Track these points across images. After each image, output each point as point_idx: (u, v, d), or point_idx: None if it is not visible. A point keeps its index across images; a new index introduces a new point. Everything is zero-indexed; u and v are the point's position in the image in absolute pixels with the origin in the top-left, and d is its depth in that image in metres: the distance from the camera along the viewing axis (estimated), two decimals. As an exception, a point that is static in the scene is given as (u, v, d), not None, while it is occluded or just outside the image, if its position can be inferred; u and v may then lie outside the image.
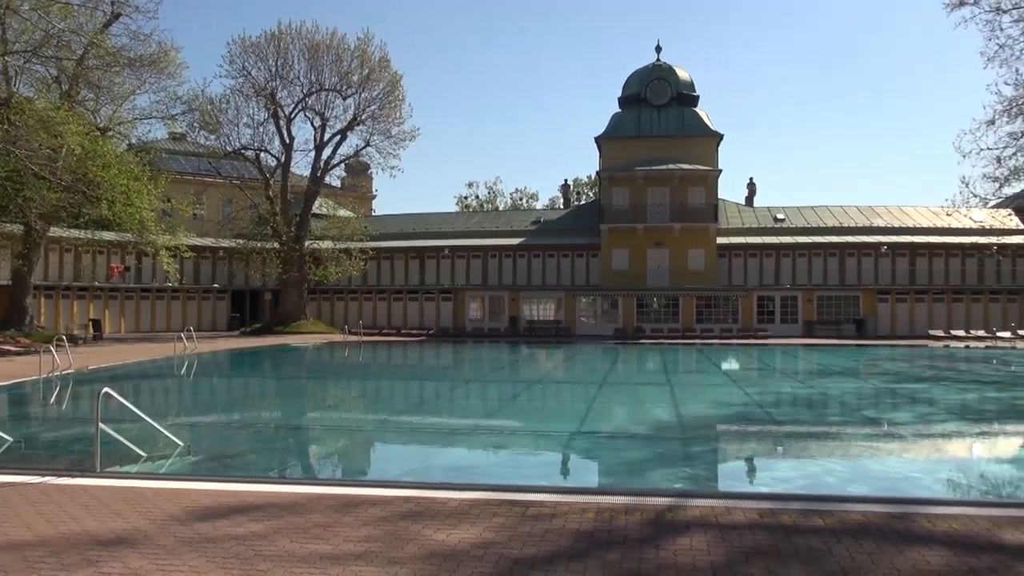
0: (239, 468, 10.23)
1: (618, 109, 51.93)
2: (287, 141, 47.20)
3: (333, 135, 47.49)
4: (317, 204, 49.75)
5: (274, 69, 45.71)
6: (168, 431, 10.44)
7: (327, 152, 47.86)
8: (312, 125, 47.90)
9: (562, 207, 63.61)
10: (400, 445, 13.16)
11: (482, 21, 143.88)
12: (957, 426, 14.80)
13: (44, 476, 8.28)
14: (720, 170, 48.56)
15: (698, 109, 50.79)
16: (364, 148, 48.20)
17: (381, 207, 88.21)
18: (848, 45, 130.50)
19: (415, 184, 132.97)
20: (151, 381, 22.62)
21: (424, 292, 50.07)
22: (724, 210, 51.00)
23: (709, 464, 11.40)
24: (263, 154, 47.40)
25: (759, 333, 44.41)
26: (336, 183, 60.86)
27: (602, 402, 18.34)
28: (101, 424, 8.71)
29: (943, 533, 6.11)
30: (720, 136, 49.52)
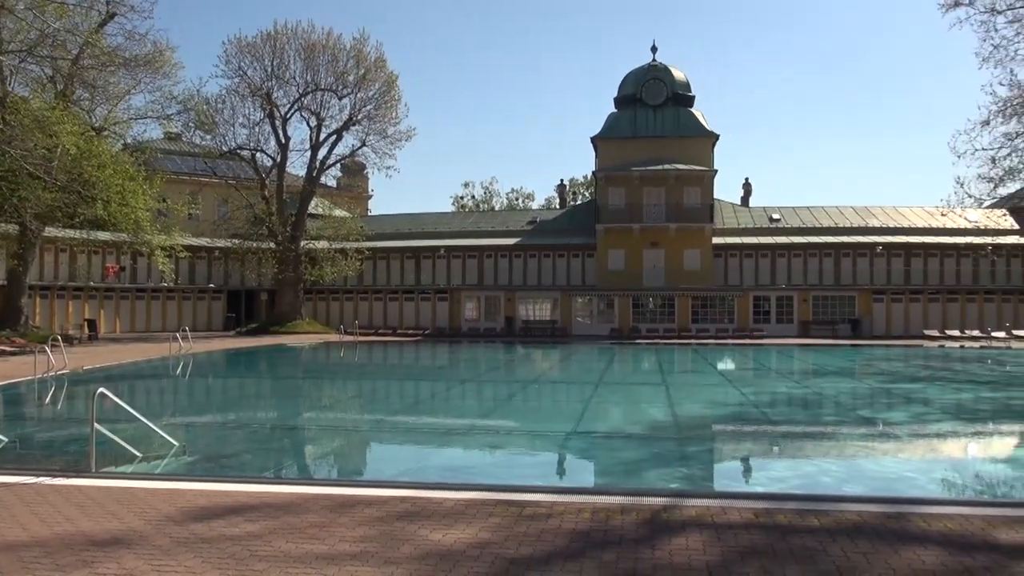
0: (235, 468, 10.22)
1: (614, 109, 51.96)
2: (283, 141, 47.12)
3: (329, 135, 47.48)
4: (313, 204, 49.72)
5: (270, 69, 45.64)
6: (163, 431, 10.43)
7: (323, 152, 47.84)
8: (308, 125, 47.91)
9: (558, 207, 63.60)
10: (396, 445, 13.16)
11: (481, 21, 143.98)
12: (952, 426, 14.83)
13: (39, 476, 8.27)
14: (716, 170, 48.60)
15: (694, 109, 50.82)
16: (360, 148, 48.16)
17: (377, 207, 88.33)
18: (847, 45, 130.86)
19: (411, 184, 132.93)
20: (146, 381, 22.59)
21: (420, 292, 50.04)
22: (720, 210, 51.06)
23: (705, 464, 11.41)
24: (259, 154, 47.31)
25: (755, 333, 44.46)
26: (332, 183, 60.80)
27: (598, 402, 18.34)
28: (96, 424, 8.68)
29: (938, 533, 6.12)
30: (716, 136, 49.56)
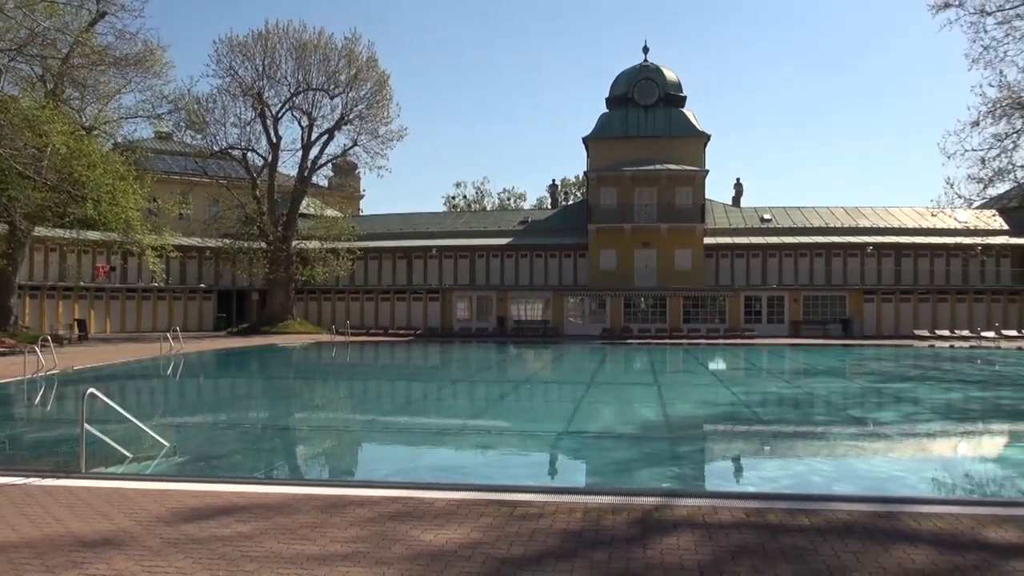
0: (225, 469, 10.19)
1: (606, 109, 52.03)
2: (274, 140, 47.03)
3: (320, 135, 47.44)
4: (304, 204, 49.60)
5: (261, 68, 45.55)
6: (154, 431, 10.37)
7: (314, 152, 47.77)
8: (299, 125, 47.86)
9: (550, 207, 63.66)
10: (387, 445, 13.13)
11: (481, 21, 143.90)
12: (942, 425, 14.91)
13: (28, 477, 8.23)
14: (707, 171, 48.72)
15: (685, 110, 50.94)
16: (351, 148, 48.14)
17: (368, 207, 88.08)
18: (846, 45, 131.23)
19: (402, 184, 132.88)
20: (137, 381, 22.48)
21: (412, 292, 49.98)
22: (711, 210, 51.18)
23: (696, 464, 11.43)
24: (250, 154, 47.27)
25: (746, 333, 44.59)
26: (323, 183, 60.72)
27: (589, 402, 18.36)
28: (86, 425, 8.65)
29: (928, 532, 6.15)
30: (707, 137, 49.68)
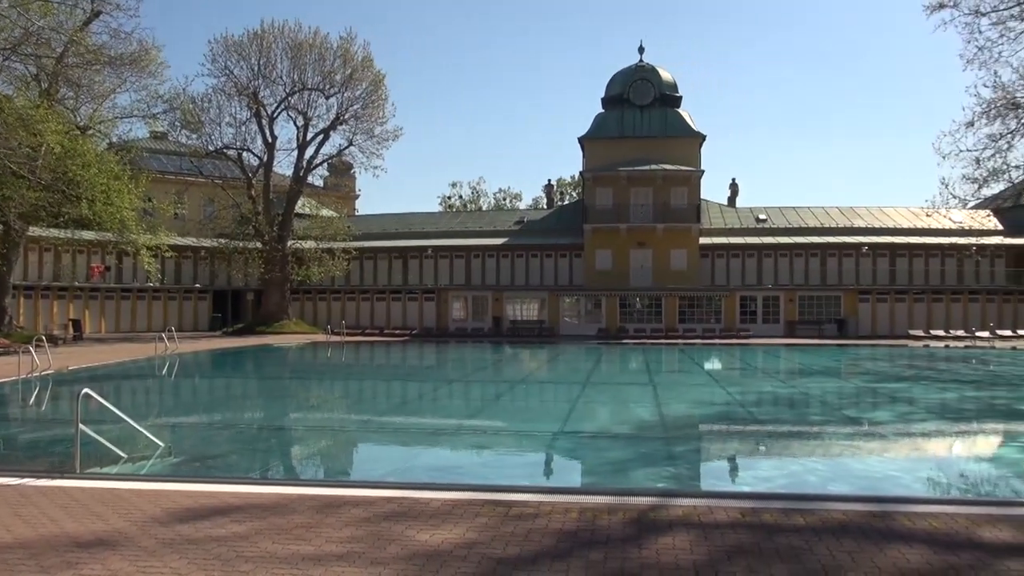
0: (220, 469, 10.17)
1: (601, 110, 52.05)
2: (269, 140, 46.93)
3: (316, 134, 47.33)
4: (300, 204, 49.56)
5: (256, 68, 45.44)
6: (149, 432, 10.35)
7: (310, 151, 47.70)
8: (295, 124, 47.74)
9: (545, 207, 63.67)
10: (383, 445, 13.12)
11: (481, 21, 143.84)
12: (937, 425, 14.94)
13: (23, 477, 8.20)
14: (702, 171, 48.75)
15: (681, 110, 50.99)
16: (347, 148, 48.04)
17: (364, 207, 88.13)
18: (845, 45, 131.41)
19: (398, 184, 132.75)
20: (132, 382, 22.44)
21: (407, 292, 49.95)
22: (707, 210, 51.27)
23: (691, 464, 11.44)
24: (245, 153, 47.10)
25: (741, 333, 44.65)
26: (319, 183, 60.64)
27: (585, 402, 18.37)
28: (81, 425, 8.62)
29: (923, 531, 6.17)
30: (703, 137, 49.72)
